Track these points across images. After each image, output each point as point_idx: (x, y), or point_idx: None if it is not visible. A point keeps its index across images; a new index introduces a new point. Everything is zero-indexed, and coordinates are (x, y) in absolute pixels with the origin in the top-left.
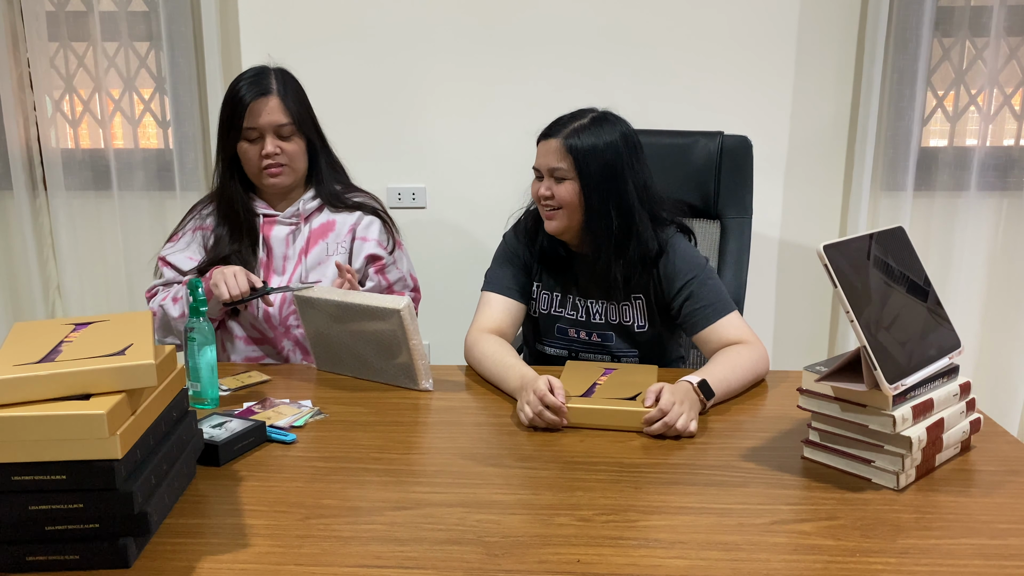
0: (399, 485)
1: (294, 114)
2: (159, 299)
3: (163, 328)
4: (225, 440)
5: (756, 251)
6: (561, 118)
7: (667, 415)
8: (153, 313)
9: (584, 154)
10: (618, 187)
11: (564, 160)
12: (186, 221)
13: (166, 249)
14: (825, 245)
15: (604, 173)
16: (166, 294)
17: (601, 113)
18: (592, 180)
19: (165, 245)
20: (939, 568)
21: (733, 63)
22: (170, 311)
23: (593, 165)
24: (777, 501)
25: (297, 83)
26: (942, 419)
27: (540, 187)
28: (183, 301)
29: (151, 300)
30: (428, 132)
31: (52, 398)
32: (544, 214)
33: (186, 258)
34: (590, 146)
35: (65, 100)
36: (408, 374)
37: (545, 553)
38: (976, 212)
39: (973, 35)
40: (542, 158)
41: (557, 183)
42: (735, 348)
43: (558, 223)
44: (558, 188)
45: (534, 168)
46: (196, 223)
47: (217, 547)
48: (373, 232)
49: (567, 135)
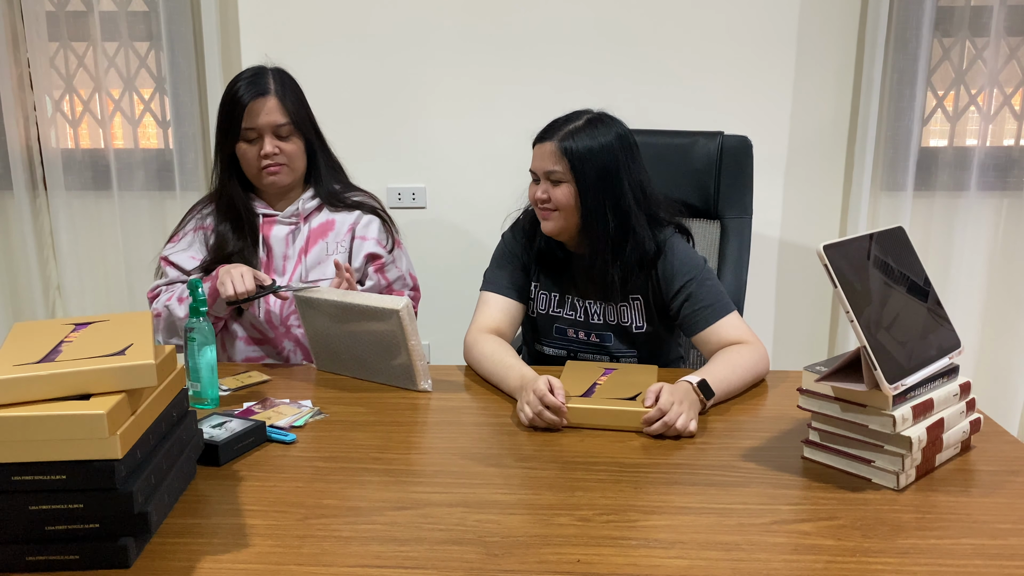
0: (399, 485)
1: (292, 114)
2: (163, 300)
3: (168, 329)
4: (225, 440)
5: (756, 251)
6: (556, 120)
7: (666, 415)
8: (158, 314)
9: (579, 156)
10: (614, 188)
11: (560, 163)
12: (186, 221)
13: (168, 249)
14: (825, 245)
15: (600, 175)
16: (171, 294)
17: (596, 114)
18: (588, 182)
19: (166, 245)
20: (939, 568)
21: (733, 63)
22: (176, 311)
23: (589, 167)
24: (777, 501)
25: (295, 83)
26: (942, 419)
27: (536, 190)
28: (188, 301)
29: (155, 301)
30: (428, 132)
31: (52, 398)
32: (541, 216)
33: (188, 257)
34: (585, 148)
35: (65, 100)
36: (407, 375)
37: (545, 553)
38: (976, 212)
39: (973, 35)
40: (538, 161)
41: (553, 186)
42: (735, 348)
43: (554, 224)
44: (554, 191)
45: (531, 171)
46: (197, 223)
47: (217, 547)
48: (372, 231)
49: (562, 138)
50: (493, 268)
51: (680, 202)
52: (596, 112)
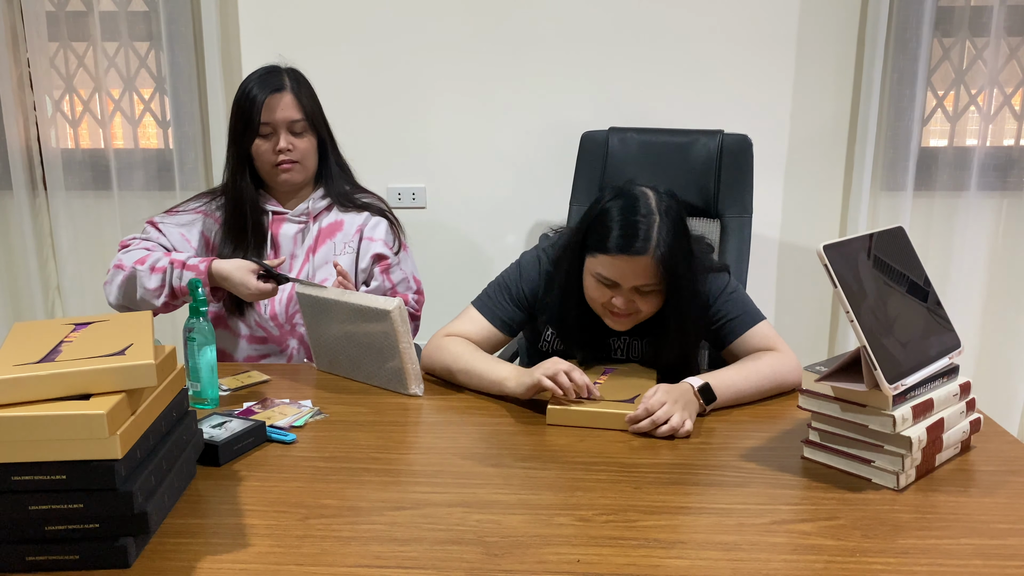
0: (399, 485)
1: (307, 110)
2: (134, 258)
3: (125, 288)
4: (225, 440)
5: (756, 251)
6: (635, 225)
7: (655, 414)
8: (120, 267)
9: (673, 266)
10: (691, 279)
11: (655, 276)
12: (190, 202)
13: (160, 216)
14: (825, 245)
15: (683, 272)
16: (145, 255)
17: (665, 203)
18: (677, 285)
19: (159, 214)
20: (939, 568)
21: (733, 62)
22: (143, 279)
23: (679, 271)
24: (777, 501)
25: (308, 82)
26: (942, 419)
27: (615, 299)
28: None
29: (123, 251)
30: (428, 132)
31: (52, 398)
32: (612, 321)
33: (179, 234)
34: (676, 256)
35: (65, 100)
36: (399, 378)
37: (545, 553)
38: (976, 212)
39: (973, 35)
40: (628, 277)
41: (641, 296)
42: (758, 354)
43: (630, 323)
44: (642, 300)
45: (604, 277)
46: (205, 208)
47: (217, 547)
48: (380, 232)
49: (661, 255)
50: (495, 289)
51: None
52: (663, 199)
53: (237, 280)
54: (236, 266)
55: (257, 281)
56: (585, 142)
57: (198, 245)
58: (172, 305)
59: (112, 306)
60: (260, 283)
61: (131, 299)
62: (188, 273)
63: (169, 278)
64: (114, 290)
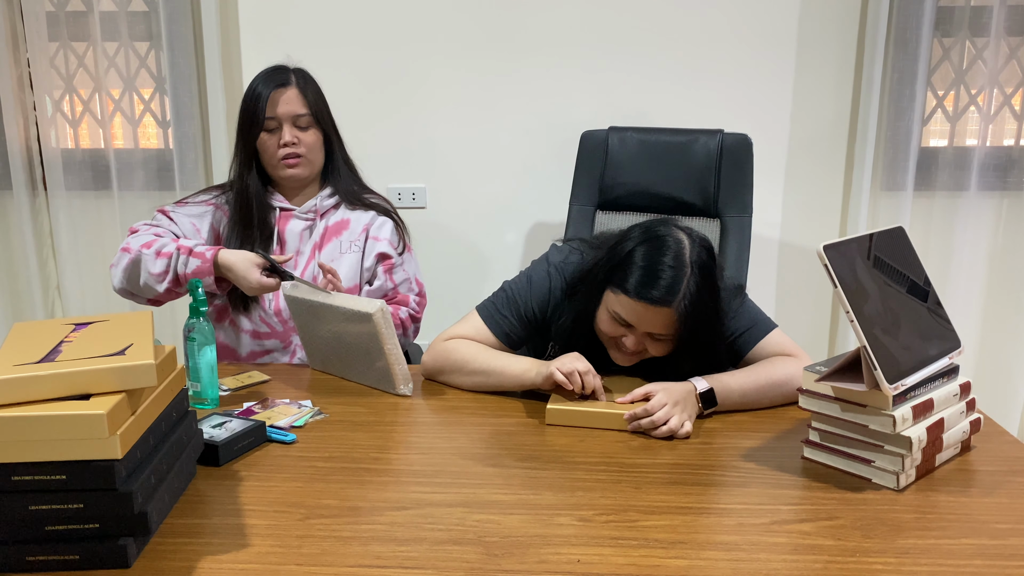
0: (399, 485)
1: (312, 105)
2: (141, 242)
3: (130, 272)
4: (225, 440)
5: (756, 251)
6: (662, 274)
7: (655, 414)
8: (126, 249)
9: (694, 323)
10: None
11: (671, 328)
12: (200, 195)
13: (171, 205)
14: (825, 245)
15: (703, 330)
16: (152, 240)
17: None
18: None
19: (170, 204)
20: (939, 568)
21: (733, 62)
22: (148, 264)
23: (698, 329)
24: (777, 501)
25: (315, 81)
26: (942, 419)
27: (626, 338)
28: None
29: (132, 236)
30: (428, 132)
31: (52, 398)
32: (621, 358)
33: (190, 223)
34: (697, 311)
35: (65, 100)
36: (387, 378)
37: (545, 553)
38: (976, 212)
39: (973, 35)
40: (645, 323)
41: (653, 340)
42: (771, 359)
43: (636, 360)
44: (654, 345)
45: (620, 317)
46: (216, 201)
47: (217, 547)
48: (385, 232)
49: (683, 304)
50: (502, 300)
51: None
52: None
53: (240, 272)
54: (241, 258)
55: (260, 275)
56: (585, 141)
57: (208, 236)
58: (175, 292)
59: (116, 290)
60: (263, 277)
61: (134, 284)
62: (194, 260)
63: (175, 264)
64: (119, 273)
